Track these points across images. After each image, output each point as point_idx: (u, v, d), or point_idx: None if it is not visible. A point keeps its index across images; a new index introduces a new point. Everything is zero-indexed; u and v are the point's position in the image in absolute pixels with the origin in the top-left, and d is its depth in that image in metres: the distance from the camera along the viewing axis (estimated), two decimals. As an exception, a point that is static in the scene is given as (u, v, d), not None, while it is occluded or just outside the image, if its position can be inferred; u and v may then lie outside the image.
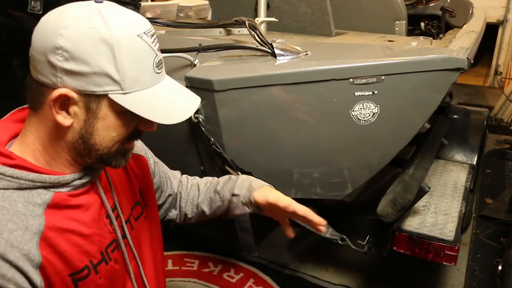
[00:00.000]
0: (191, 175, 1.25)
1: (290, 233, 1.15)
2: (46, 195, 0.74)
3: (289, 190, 1.65)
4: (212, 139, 1.52)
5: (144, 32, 0.74)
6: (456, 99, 4.16)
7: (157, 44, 0.77)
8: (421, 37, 2.33)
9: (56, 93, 0.70)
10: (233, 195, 1.10)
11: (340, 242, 1.57)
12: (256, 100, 1.48)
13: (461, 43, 1.51)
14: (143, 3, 2.15)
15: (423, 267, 2.18)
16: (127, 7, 0.81)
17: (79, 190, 0.80)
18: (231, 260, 2.21)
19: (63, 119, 0.73)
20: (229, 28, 1.98)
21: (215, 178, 1.19)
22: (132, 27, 0.72)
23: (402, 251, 1.61)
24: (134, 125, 0.79)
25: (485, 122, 2.46)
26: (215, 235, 2.25)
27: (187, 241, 2.33)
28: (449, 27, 3.13)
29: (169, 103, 0.77)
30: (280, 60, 1.53)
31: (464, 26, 2.18)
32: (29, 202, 0.72)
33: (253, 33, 1.58)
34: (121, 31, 0.71)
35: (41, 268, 0.72)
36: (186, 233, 2.31)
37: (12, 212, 0.70)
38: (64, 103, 0.72)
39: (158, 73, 0.76)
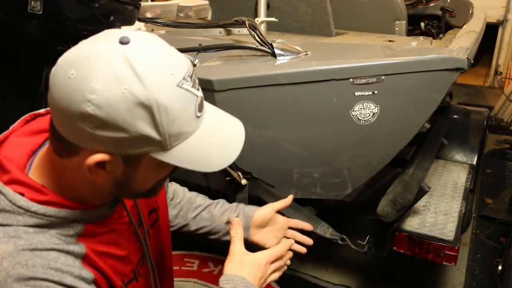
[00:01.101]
0: (191, 175, 1.24)
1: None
2: (78, 227, 0.71)
3: (289, 190, 1.65)
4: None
5: (183, 78, 0.64)
6: (456, 99, 4.16)
7: (197, 82, 0.68)
8: (421, 37, 2.33)
9: (91, 160, 0.63)
10: (227, 223, 1.08)
11: (340, 242, 1.57)
12: (256, 100, 1.48)
13: (461, 43, 1.51)
14: (143, 3, 2.15)
15: (423, 267, 2.18)
16: (127, 7, 0.80)
17: (108, 217, 0.77)
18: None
19: (100, 178, 0.67)
20: (229, 28, 1.98)
21: (207, 197, 1.17)
22: (170, 77, 0.62)
23: (402, 251, 1.61)
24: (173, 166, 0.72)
25: (485, 122, 2.46)
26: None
27: (187, 241, 2.33)
28: (449, 27, 3.13)
29: (213, 146, 0.70)
30: (280, 60, 1.53)
31: (464, 26, 2.18)
32: (63, 235, 0.69)
33: (253, 33, 1.58)
34: (159, 87, 0.60)
35: (95, 282, 0.71)
36: (186, 233, 2.30)
37: (50, 246, 0.66)
38: (100, 164, 0.65)
39: (198, 117, 0.67)
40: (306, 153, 1.56)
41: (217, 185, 1.72)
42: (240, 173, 1.48)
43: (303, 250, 1.09)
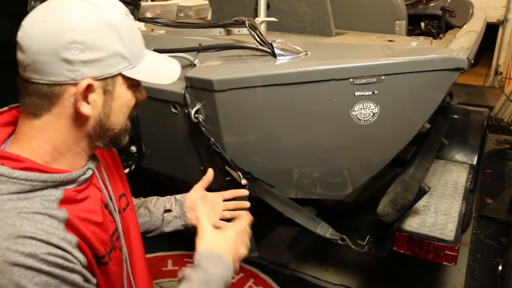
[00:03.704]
0: (191, 175, 1.25)
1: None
2: (58, 192, 0.77)
3: (289, 190, 1.65)
4: (212, 139, 1.51)
5: (127, 10, 0.82)
6: (456, 99, 4.16)
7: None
8: (421, 37, 2.33)
9: (82, 85, 0.74)
10: (166, 211, 1.16)
11: (340, 242, 1.57)
12: (256, 100, 1.48)
13: (461, 43, 1.51)
14: (143, 3, 2.15)
15: (423, 267, 2.18)
16: (127, 7, 0.84)
17: (83, 186, 0.83)
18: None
19: (86, 109, 0.77)
20: (229, 28, 1.98)
21: (142, 198, 1.22)
22: (119, 7, 0.80)
23: (402, 251, 1.61)
24: (134, 99, 0.86)
25: (485, 122, 2.46)
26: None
27: (187, 241, 2.33)
28: (449, 27, 3.13)
29: (162, 66, 0.88)
30: (280, 60, 1.53)
31: (464, 26, 2.18)
32: (45, 200, 0.74)
33: (253, 33, 1.58)
34: (116, 13, 0.78)
35: (78, 247, 0.76)
36: (187, 233, 2.30)
37: (34, 210, 0.72)
38: (85, 93, 0.76)
39: (143, 43, 0.86)
40: (306, 153, 1.55)
41: (217, 185, 1.72)
42: (240, 173, 1.48)
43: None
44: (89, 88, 0.75)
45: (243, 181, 1.38)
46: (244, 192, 1.23)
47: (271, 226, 2.42)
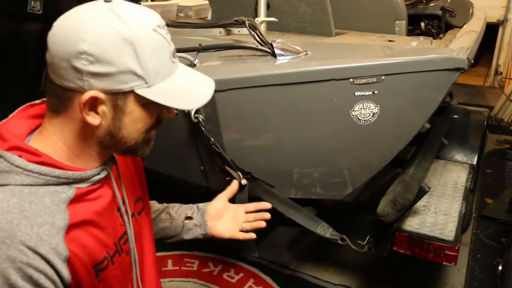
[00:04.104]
0: (191, 175, 1.25)
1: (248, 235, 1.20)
2: (70, 191, 0.77)
3: (289, 190, 1.65)
4: (212, 139, 1.51)
5: (158, 25, 0.77)
6: (456, 99, 4.16)
7: (169, 35, 0.80)
8: (421, 37, 2.33)
9: (86, 96, 0.73)
10: (187, 218, 1.16)
11: (340, 242, 1.57)
12: (256, 100, 1.48)
13: (461, 43, 1.51)
14: (143, 3, 2.15)
15: (423, 267, 2.18)
16: None
17: (96, 185, 0.83)
18: (231, 260, 2.21)
19: (92, 119, 0.75)
20: (229, 28, 1.97)
21: (165, 204, 1.22)
22: (147, 22, 0.75)
23: (402, 251, 1.61)
24: (157, 114, 0.83)
25: (485, 122, 2.46)
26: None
27: (187, 241, 2.33)
28: (449, 27, 3.13)
29: (189, 89, 0.82)
30: (280, 60, 1.53)
31: (464, 26, 2.18)
32: (55, 197, 0.75)
33: (253, 33, 1.58)
34: (139, 28, 0.74)
35: (68, 261, 0.75)
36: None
37: (40, 207, 0.72)
38: (93, 104, 0.74)
39: (174, 62, 0.80)
40: (306, 153, 1.55)
41: (217, 185, 1.72)
42: (240, 173, 1.48)
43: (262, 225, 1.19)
44: (95, 100, 0.74)
45: (243, 181, 1.38)
46: (267, 205, 1.22)
47: (271, 226, 2.42)
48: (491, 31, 4.82)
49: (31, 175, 0.73)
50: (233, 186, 1.23)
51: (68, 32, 0.72)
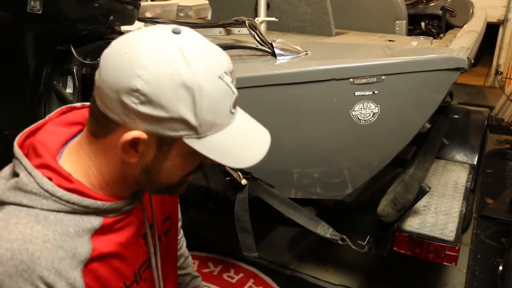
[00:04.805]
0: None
1: None
2: (96, 221, 0.73)
3: (289, 190, 1.65)
4: (212, 139, 1.51)
5: (225, 72, 0.69)
6: (456, 99, 4.16)
7: (235, 81, 0.73)
8: (421, 36, 2.33)
9: (128, 136, 0.66)
10: None
11: (340, 242, 1.57)
12: (256, 100, 1.47)
13: (461, 43, 1.51)
14: (143, 3, 2.15)
15: (424, 267, 2.18)
16: (127, 7, 0.81)
17: (124, 215, 0.78)
18: (231, 260, 2.21)
19: (130, 157, 0.70)
20: (229, 28, 1.97)
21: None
22: (214, 68, 0.67)
23: (403, 251, 1.60)
24: (200, 160, 0.75)
25: (486, 122, 2.46)
26: (215, 235, 2.25)
27: (187, 241, 2.33)
28: (449, 26, 3.13)
29: (241, 146, 0.73)
30: (280, 60, 1.53)
31: (465, 26, 2.18)
32: (80, 227, 0.71)
33: (253, 32, 1.58)
34: (203, 74, 0.65)
35: None
36: (186, 233, 2.30)
37: (64, 238, 0.69)
38: (134, 142, 0.68)
39: (233, 113, 0.72)
40: (306, 153, 1.55)
41: (217, 185, 1.72)
42: (240, 173, 1.47)
43: None
44: (137, 139, 0.67)
45: (243, 181, 1.37)
46: None
47: (271, 226, 2.42)
48: (492, 31, 4.82)
49: (58, 202, 0.69)
50: None
51: (124, 61, 0.64)
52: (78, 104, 0.82)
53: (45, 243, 0.67)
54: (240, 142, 0.72)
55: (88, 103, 0.76)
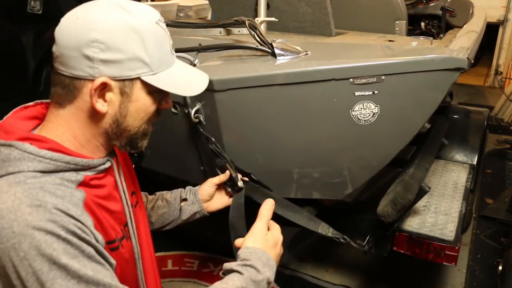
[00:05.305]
0: (191, 175, 1.25)
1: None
2: (78, 176, 0.81)
3: (289, 190, 1.65)
4: (212, 139, 1.51)
5: (159, 19, 0.85)
6: (456, 99, 4.16)
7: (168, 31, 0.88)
8: (421, 37, 2.33)
9: (97, 82, 0.78)
10: (182, 200, 1.25)
11: (342, 240, 1.56)
12: (256, 100, 1.47)
13: (461, 43, 1.51)
14: (143, 3, 2.15)
15: (423, 267, 2.18)
16: None
17: (101, 174, 0.88)
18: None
19: (101, 106, 0.80)
20: (229, 28, 1.97)
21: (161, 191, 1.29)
22: (150, 16, 0.83)
23: (402, 251, 1.61)
24: (157, 104, 0.88)
25: (486, 122, 2.46)
26: (215, 235, 2.25)
27: (187, 241, 2.33)
28: (449, 27, 3.12)
29: (188, 78, 0.90)
30: (280, 60, 1.53)
31: (465, 26, 2.18)
32: (65, 179, 0.79)
33: (253, 33, 1.58)
34: (144, 20, 0.81)
35: (95, 227, 0.79)
36: (186, 233, 2.30)
37: (55, 186, 0.76)
38: (101, 91, 0.80)
39: (173, 54, 0.88)
40: (306, 153, 1.55)
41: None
42: (239, 174, 1.47)
43: None
44: (104, 86, 0.79)
45: (240, 183, 1.36)
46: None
47: (271, 226, 2.42)
48: (491, 31, 4.82)
49: (43, 161, 0.76)
50: (226, 175, 1.31)
51: (78, 24, 0.77)
52: (31, 103, 0.90)
53: (42, 187, 0.74)
54: (186, 76, 0.90)
55: (40, 101, 0.89)
